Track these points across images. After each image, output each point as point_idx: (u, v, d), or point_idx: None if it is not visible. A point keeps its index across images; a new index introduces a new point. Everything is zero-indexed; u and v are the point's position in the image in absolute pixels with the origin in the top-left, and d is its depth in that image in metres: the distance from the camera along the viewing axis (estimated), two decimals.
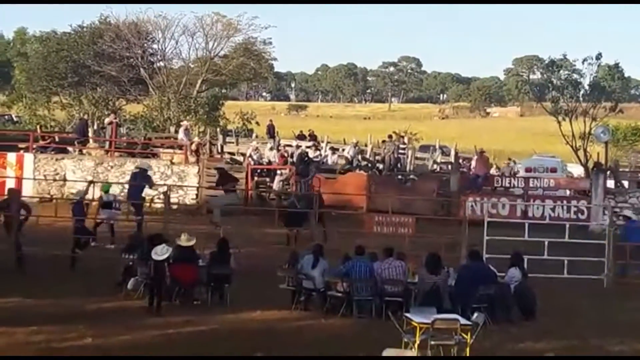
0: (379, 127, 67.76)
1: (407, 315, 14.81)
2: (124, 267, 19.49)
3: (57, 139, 37.85)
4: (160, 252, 17.79)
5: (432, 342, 13.94)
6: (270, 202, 32.87)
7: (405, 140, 45.63)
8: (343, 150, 41.78)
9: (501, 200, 31.89)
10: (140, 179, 27.89)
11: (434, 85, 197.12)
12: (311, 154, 38.22)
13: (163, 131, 45.65)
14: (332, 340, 15.67)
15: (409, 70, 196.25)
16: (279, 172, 34.33)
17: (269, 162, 36.86)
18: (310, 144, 42.57)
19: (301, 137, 48.24)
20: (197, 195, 32.23)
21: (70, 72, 50.99)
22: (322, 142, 45.32)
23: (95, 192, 25.81)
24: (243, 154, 39.19)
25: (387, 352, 11.97)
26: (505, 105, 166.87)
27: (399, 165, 39.68)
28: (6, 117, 56.70)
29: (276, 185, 33.50)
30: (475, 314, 16.29)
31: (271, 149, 37.43)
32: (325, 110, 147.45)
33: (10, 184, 29.91)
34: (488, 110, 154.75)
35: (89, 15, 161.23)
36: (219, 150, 40.50)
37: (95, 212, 25.39)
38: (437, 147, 48.44)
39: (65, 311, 16.97)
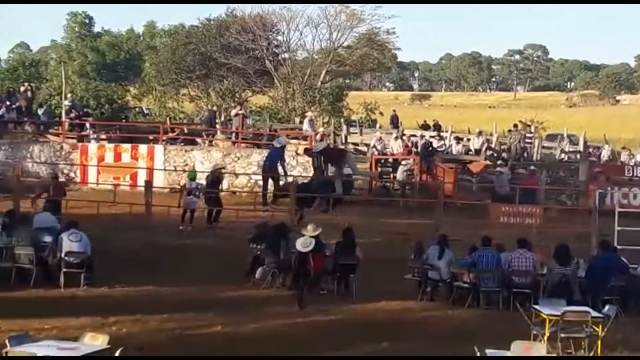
0: (504, 116, 66.74)
1: (536, 307, 14.60)
2: (252, 257, 19.82)
3: (185, 131, 38.79)
4: (304, 244, 17.91)
5: (562, 335, 13.71)
6: (395, 192, 32.93)
7: (532, 129, 44.80)
8: (468, 140, 41.34)
9: (632, 191, 31.01)
10: (277, 154, 28.69)
11: (561, 72, 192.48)
12: (435, 143, 37.97)
13: (288, 122, 46.12)
14: (457, 332, 15.59)
15: (535, 58, 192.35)
16: (402, 162, 34.23)
17: (393, 152, 36.77)
18: (434, 133, 42.31)
19: (425, 126, 47.99)
20: None
21: (197, 64, 52.00)
22: (446, 131, 44.97)
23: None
24: (367, 144, 39.27)
25: (515, 345, 11.80)
26: (636, 92, 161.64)
27: (525, 154, 39.01)
28: (137, 109, 58.26)
29: (400, 175, 33.40)
30: (607, 306, 15.89)
31: (395, 139, 37.28)
32: (449, 100, 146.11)
33: (142, 175, 30.76)
34: (618, 97, 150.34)
35: (216, 8, 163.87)
36: (343, 141, 40.65)
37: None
38: (564, 136, 47.40)
39: (195, 299, 17.37)
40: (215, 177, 27.01)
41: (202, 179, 27.15)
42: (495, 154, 38.27)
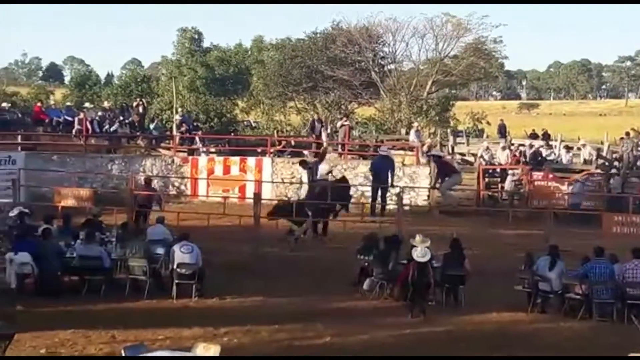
0: (615, 124, 65.18)
1: None
2: (359, 268, 19.86)
3: (292, 143, 39.16)
4: (422, 254, 17.86)
5: None
6: (503, 202, 32.53)
7: None
8: (578, 149, 40.52)
9: None
10: (386, 163, 29.26)
11: None
12: (544, 152, 37.35)
13: (394, 133, 46.06)
14: (570, 344, 15.31)
15: None
16: (510, 172, 33.80)
17: (500, 162, 36.33)
18: (542, 142, 41.63)
19: (533, 135, 47.24)
20: (428, 196, 32.28)
21: (304, 77, 52.41)
22: (555, 140, 44.18)
23: None
24: (474, 154, 38.92)
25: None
26: None
27: (638, 163, 37.99)
28: (245, 122, 59.09)
29: (508, 185, 33.01)
30: None
31: (503, 148, 36.83)
32: (557, 108, 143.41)
33: (250, 187, 31.15)
34: None
35: (322, 21, 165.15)
36: (450, 151, 40.39)
37: None
38: None
39: (304, 310, 17.48)
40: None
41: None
42: (607, 163, 37.36)
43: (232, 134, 47.34)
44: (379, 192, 29.75)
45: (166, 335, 14.62)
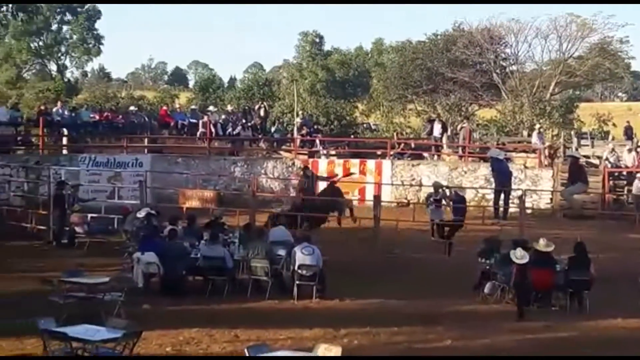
0: None
1: None
2: (480, 271, 19.67)
3: (412, 146, 39.07)
4: (520, 256, 17.72)
5: None
6: (629, 206, 31.67)
7: None
8: None
9: None
10: (505, 166, 29.27)
11: None
12: None
13: (515, 135, 45.42)
14: None
15: None
16: (638, 175, 32.87)
17: (627, 165, 35.37)
18: None
19: None
20: (551, 199, 31.73)
21: (424, 79, 52.20)
22: None
23: None
24: (599, 157, 38.00)
25: None
26: None
27: None
28: (365, 125, 59.25)
29: (635, 189, 32.10)
30: None
31: (629, 151, 35.85)
32: None
33: (370, 189, 31.22)
34: None
35: (443, 23, 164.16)
36: (568, 154, 39.51)
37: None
38: None
39: (424, 313, 17.42)
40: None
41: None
42: None
43: (352, 136, 47.51)
44: (501, 196, 29.45)
45: (287, 336, 14.79)
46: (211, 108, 43.53)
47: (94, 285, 16.30)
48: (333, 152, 37.93)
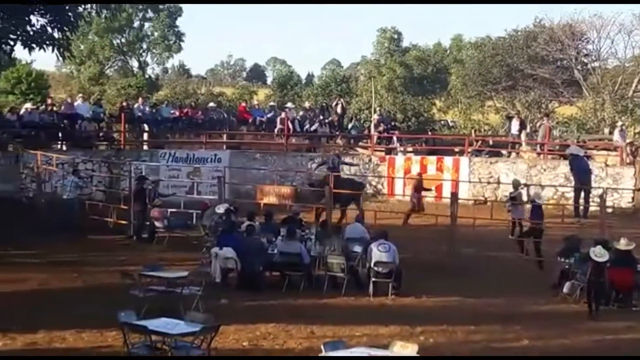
0: None
1: None
2: (560, 271, 19.44)
3: (490, 143, 38.70)
4: (599, 254, 17.47)
5: None
6: None
7: None
8: None
9: None
10: (584, 163, 29.02)
11: None
12: None
13: (597, 132, 44.64)
14: None
15: None
16: None
17: None
18: None
19: None
20: (633, 198, 31.13)
21: (504, 76, 51.59)
22: None
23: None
24: None
25: None
26: None
27: None
28: (442, 122, 58.92)
29: None
30: None
31: None
32: None
33: (447, 186, 31.05)
34: None
35: (523, 19, 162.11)
36: None
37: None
38: None
39: (501, 311, 17.32)
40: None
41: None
42: None
43: (430, 133, 47.27)
44: (582, 194, 29.05)
45: (363, 332, 14.82)
46: (289, 104, 43.70)
47: (173, 279, 16.56)
48: (410, 149, 37.80)
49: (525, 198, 25.38)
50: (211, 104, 43.36)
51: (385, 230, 20.34)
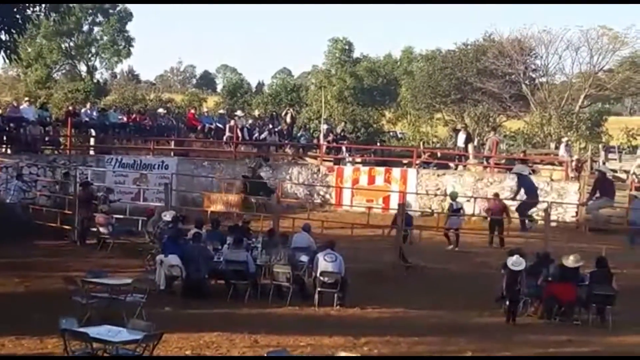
0: None
1: None
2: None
3: (438, 155, 38.96)
4: (516, 263, 17.94)
5: None
6: None
7: None
8: None
9: None
10: (526, 182, 29.27)
11: None
12: None
13: (543, 147, 45.19)
14: None
15: None
16: None
17: None
18: None
19: None
20: (577, 212, 31.52)
21: (453, 89, 52.09)
22: None
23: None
24: (626, 171, 37.71)
25: None
26: None
27: None
28: (391, 133, 59.19)
29: None
30: None
31: None
32: None
33: (395, 198, 31.16)
34: None
35: (473, 33, 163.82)
36: (596, 168, 39.23)
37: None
38: None
39: (445, 323, 17.41)
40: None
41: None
42: None
43: (378, 144, 47.46)
44: (526, 208, 29.43)
45: (307, 342, 14.76)
46: (238, 112, 43.59)
47: (117, 286, 16.41)
48: (359, 160, 37.91)
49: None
50: (160, 110, 43.10)
51: (333, 240, 20.33)
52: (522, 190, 30.17)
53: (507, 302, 18.00)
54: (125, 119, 38.18)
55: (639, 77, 52.80)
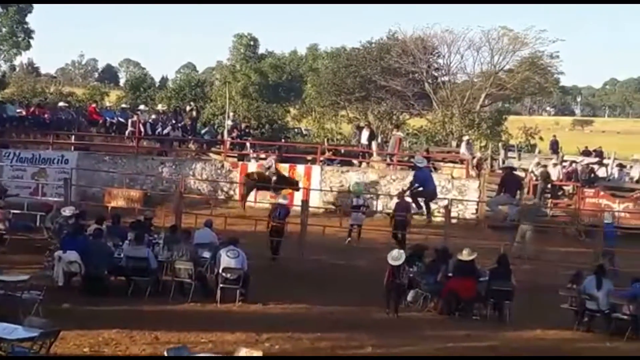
0: None
1: None
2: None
3: (342, 152, 39.15)
4: (395, 257, 18.29)
5: None
6: (553, 219, 32.14)
7: None
8: (630, 167, 40.00)
9: None
10: (430, 174, 28.87)
11: None
12: (598, 170, 36.92)
13: (445, 145, 45.87)
14: None
15: None
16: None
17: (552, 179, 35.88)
18: (595, 160, 41.11)
19: (586, 153, 46.71)
20: (477, 209, 32.06)
21: (357, 86, 52.43)
22: (609, 158, 43.62)
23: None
24: (525, 170, 38.58)
25: None
26: None
27: None
28: (296, 130, 59.30)
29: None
30: None
31: (554, 165, 36.49)
32: (612, 126, 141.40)
33: (299, 194, 31.17)
34: None
35: (378, 31, 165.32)
36: (501, 165, 40.05)
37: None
38: None
39: (347, 319, 17.50)
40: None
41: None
42: None
43: (283, 140, 47.47)
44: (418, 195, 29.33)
45: (209, 339, 14.66)
46: (141, 107, 43.05)
47: (13, 283, 15.99)
48: (263, 156, 37.78)
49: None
50: (61, 104, 42.19)
51: (236, 236, 20.24)
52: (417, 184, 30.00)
53: (387, 296, 18.32)
54: (24, 112, 37.28)
55: (538, 77, 54.06)
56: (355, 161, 36.71)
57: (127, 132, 37.17)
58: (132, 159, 34.69)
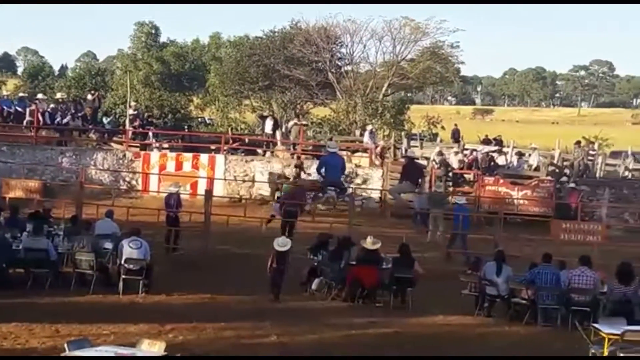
0: (568, 133, 65.86)
1: (595, 325, 14.31)
2: (309, 267, 19.86)
3: (247, 141, 39.05)
4: (282, 244, 18.57)
5: (621, 355, 13.44)
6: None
7: (595, 146, 44.24)
8: (529, 155, 40.91)
9: None
10: (337, 160, 28.74)
11: (627, 89, 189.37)
12: (497, 158, 37.65)
13: (348, 134, 46.10)
14: (515, 348, 15.39)
15: (601, 74, 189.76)
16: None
17: (453, 167, 36.47)
18: (495, 148, 41.91)
19: (486, 141, 47.56)
20: (380, 198, 32.36)
21: (261, 76, 52.27)
22: (508, 146, 44.51)
23: None
24: (427, 158, 39.10)
25: None
26: None
27: (587, 171, 38.47)
28: (199, 119, 58.88)
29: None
30: None
31: (455, 153, 37.08)
32: (511, 115, 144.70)
33: (203, 184, 31.00)
34: None
35: (281, 20, 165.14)
36: (403, 154, 40.47)
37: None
38: (629, 153, 46.53)
39: (252, 308, 17.50)
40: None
41: None
42: (557, 170, 37.77)
43: (186, 130, 47.08)
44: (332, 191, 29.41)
45: (111, 331, 14.45)
46: (40, 96, 42.09)
47: None
48: (166, 146, 37.45)
49: None
50: None
51: (138, 227, 19.99)
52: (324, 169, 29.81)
53: (271, 282, 18.50)
54: None
55: (439, 66, 54.84)
56: (259, 150, 36.66)
57: (25, 122, 36.29)
58: (30, 149, 33.97)
